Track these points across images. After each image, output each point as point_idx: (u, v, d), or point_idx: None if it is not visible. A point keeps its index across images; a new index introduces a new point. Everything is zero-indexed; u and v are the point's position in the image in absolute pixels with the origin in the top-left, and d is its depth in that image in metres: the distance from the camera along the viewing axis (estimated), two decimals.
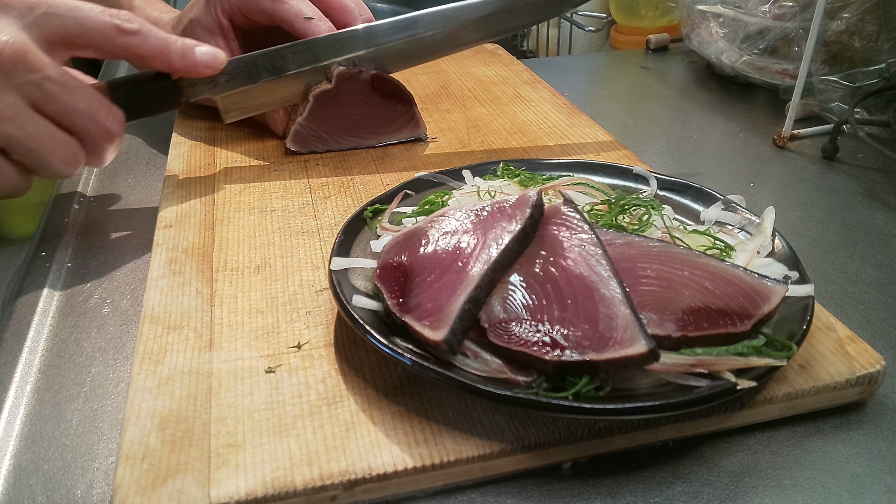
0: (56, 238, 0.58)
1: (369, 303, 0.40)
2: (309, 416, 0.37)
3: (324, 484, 0.33)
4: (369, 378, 0.39)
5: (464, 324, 0.36)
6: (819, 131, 0.76)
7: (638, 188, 0.53)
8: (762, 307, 0.37)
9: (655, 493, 0.35)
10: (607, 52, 1.21)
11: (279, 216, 0.55)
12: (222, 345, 0.42)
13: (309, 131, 0.64)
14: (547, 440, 0.35)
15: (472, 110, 0.75)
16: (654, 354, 0.33)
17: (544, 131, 0.70)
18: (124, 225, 0.60)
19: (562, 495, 0.35)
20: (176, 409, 0.37)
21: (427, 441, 0.35)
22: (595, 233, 0.39)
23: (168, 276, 0.47)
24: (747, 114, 0.83)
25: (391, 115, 0.66)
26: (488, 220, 0.41)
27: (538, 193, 0.42)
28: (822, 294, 0.50)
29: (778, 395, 0.38)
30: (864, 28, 0.76)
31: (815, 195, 0.65)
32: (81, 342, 0.47)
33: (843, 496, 0.35)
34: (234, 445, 0.35)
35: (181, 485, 0.33)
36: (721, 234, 0.47)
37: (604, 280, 0.36)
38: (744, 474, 0.36)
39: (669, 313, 0.36)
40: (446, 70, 0.87)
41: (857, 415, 0.40)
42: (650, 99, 0.88)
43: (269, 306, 0.45)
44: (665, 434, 0.37)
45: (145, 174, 0.69)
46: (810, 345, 0.41)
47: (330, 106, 0.63)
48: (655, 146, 0.75)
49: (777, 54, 0.83)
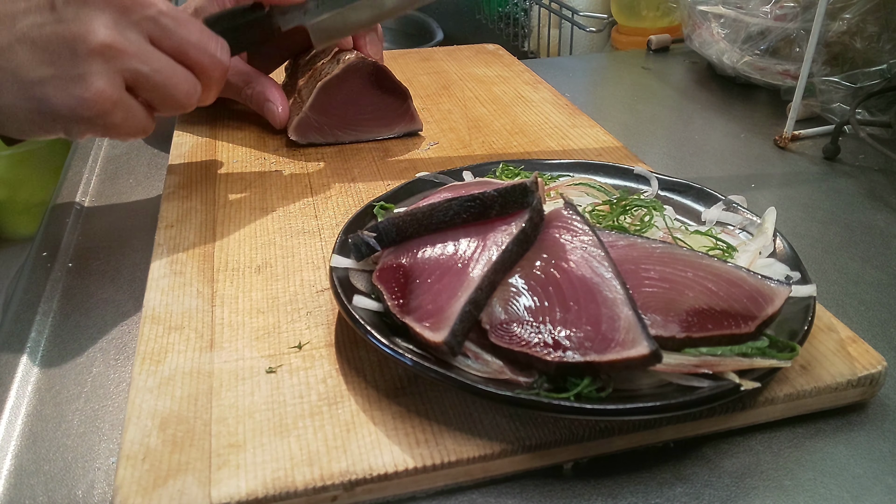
0: (57, 238, 0.58)
1: (370, 303, 0.40)
2: (310, 416, 0.37)
3: (325, 484, 0.33)
4: (370, 378, 0.39)
5: (464, 325, 0.36)
6: (820, 132, 0.76)
7: (639, 188, 0.53)
8: (766, 309, 0.37)
9: (656, 494, 0.35)
10: (608, 53, 1.21)
11: (280, 216, 0.55)
12: (223, 345, 0.42)
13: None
14: (548, 441, 0.35)
15: (472, 111, 0.75)
16: (657, 356, 0.33)
17: (545, 132, 0.70)
18: (125, 225, 0.60)
19: (563, 496, 0.35)
20: (177, 409, 0.37)
21: (428, 441, 0.35)
22: (597, 235, 0.39)
23: (169, 276, 0.47)
24: (748, 114, 0.83)
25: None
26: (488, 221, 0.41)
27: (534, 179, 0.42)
28: (824, 295, 0.50)
29: (779, 395, 0.38)
30: (865, 29, 0.76)
31: (816, 196, 0.65)
32: (82, 342, 0.47)
33: (845, 497, 0.35)
34: (234, 446, 0.35)
35: (182, 485, 0.33)
36: (722, 235, 0.47)
37: (606, 281, 0.36)
38: (745, 475, 0.36)
39: (673, 314, 0.36)
40: (447, 70, 0.87)
41: (858, 416, 0.40)
42: (651, 99, 0.88)
43: (270, 306, 0.45)
44: (666, 435, 0.37)
45: (146, 174, 0.69)
46: (812, 346, 0.41)
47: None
48: (657, 147, 0.75)
49: (778, 55, 0.83)
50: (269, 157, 0.65)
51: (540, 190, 0.43)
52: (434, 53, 0.94)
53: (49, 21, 0.45)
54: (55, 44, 0.45)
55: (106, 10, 0.46)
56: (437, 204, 0.41)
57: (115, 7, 0.46)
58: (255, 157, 0.65)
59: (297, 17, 0.60)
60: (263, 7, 0.58)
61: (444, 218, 0.41)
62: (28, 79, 0.46)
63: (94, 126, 0.48)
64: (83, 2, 0.45)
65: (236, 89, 0.68)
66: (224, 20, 0.57)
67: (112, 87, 0.46)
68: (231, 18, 0.57)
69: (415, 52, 0.94)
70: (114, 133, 0.50)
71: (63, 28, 0.45)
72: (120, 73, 0.47)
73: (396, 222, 0.42)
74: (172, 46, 0.49)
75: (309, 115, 0.65)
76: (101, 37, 0.45)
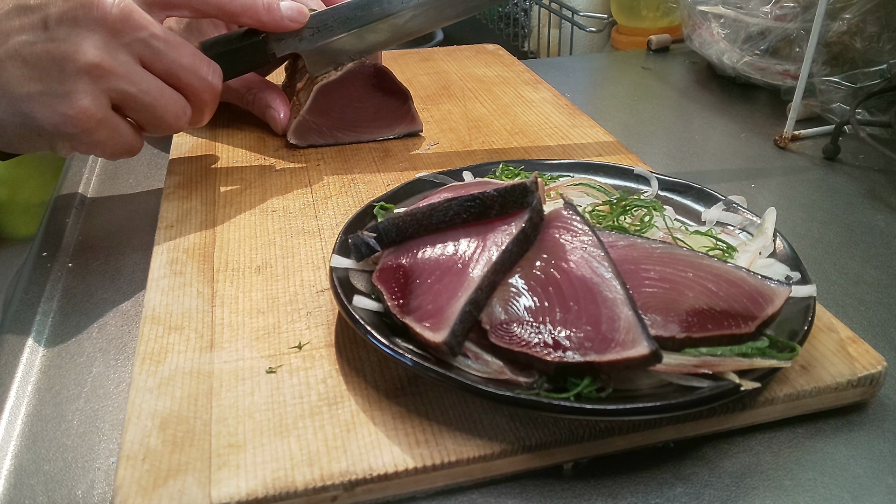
0: (57, 238, 0.58)
1: (370, 303, 0.40)
2: (310, 416, 0.37)
3: (325, 484, 0.33)
4: (370, 378, 0.39)
5: (464, 325, 0.36)
6: (820, 132, 0.76)
7: (639, 189, 0.53)
8: (766, 309, 0.37)
9: (657, 494, 0.35)
10: (608, 53, 1.21)
11: (280, 216, 0.55)
12: (223, 345, 0.42)
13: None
14: (548, 441, 0.35)
15: (473, 111, 0.75)
16: (657, 356, 0.33)
17: (545, 132, 0.70)
18: (125, 225, 0.60)
19: (563, 496, 0.35)
20: (177, 409, 0.37)
21: (428, 441, 0.35)
22: (596, 235, 0.39)
23: (169, 276, 0.47)
24: (748, 114, 0.83)
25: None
26: (488, 222, 0.41)
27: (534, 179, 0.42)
28: (824, 295, 0.50)
29: (779, 395, 0.38)
30: (865, 29, 0.76)
31: (816, 196, 0.65)
32: (82, 342, 0.47)
33: (845, 497, 0.35)
34: (234, 446, 0.35)
35: (182, 485, 0.33)
36: (722, 235, 0.47)
37: (606, 282, 0.36)
38: (745, 475, 0.36)
39: (673, 315, 0.36)
40: (447, 70, 0.87)
41: (858, 416, 0.40)
42: (651, 99, 0.88)
43: (270, 307, 0.45)
44: (666, 435, 0.37)
45: (146, 174, 0.69)
46: (812, 346, 0.41)
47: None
48: (657, 147, 0.75)
49: (778, 55, 0.83)
50: (269, 157, 0.65)
51: (540, 190, 0.43)
52: (434, 54, 0.94)
53: (41, 39, 0.46)
54: (45, 61, 0.46)
55: (97, 31, 0.47)
56: (437, 204, 0.41)
57: (106, 29, 0.47)
58: (255, 157, 0.65)
59: (292, 43, 0.60)
60: (259, 33, 0.58)
61: (444, 218, 0.41)
62: (16, 94, 0.47)
63: (77, 143, 0.49)
64: (75, 22, 0.46)
65: (238, 94, 0.69)
66: (219, 45, 0.58)
67: (96, 106, 0.47)
68: (226, 43, 0.58)
69: (415, 53, 0.94)
70: (99, 150, 0.51)
71: (53, 47, 0.46)
72: (106, 93, 0.48)
73: (396, 222, 0.42)
74: (163, 69, 0.50)
75: (307, 119, 0.64)
76: (89, 56, 0.46)
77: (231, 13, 0.55)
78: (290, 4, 0.58)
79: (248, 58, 0.59)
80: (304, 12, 0.58)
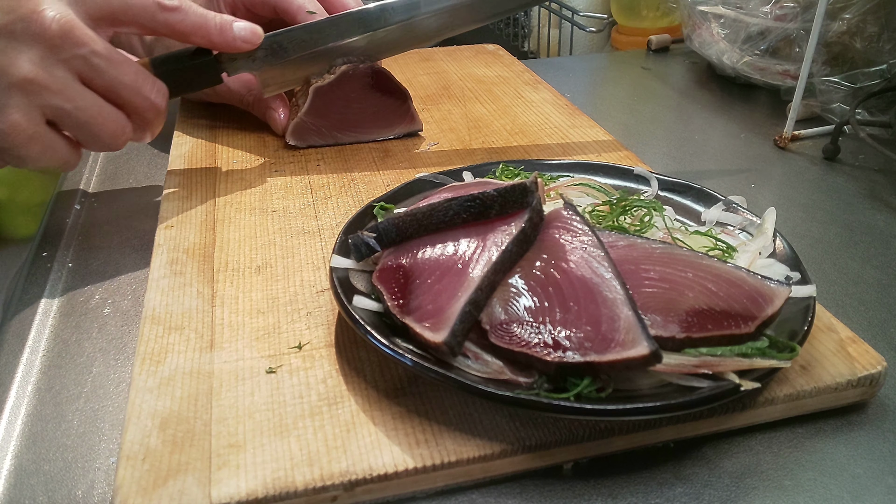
0: (57, 238, 0.58)
1: (370, 303, 0.40)
2: (310, 416, 0.37)
3: (324, 484, 0.33)
4: (370, 379, 0.39)
5: (464, 326, 0.36)
6: (820, 132, 0.76)
7: (639, 189, 0.53)
8: (766, 309, 0.37)
9: (656, 494, 0.35)
10: (608, 53, 1.21)
11: (280, 216, 0.55)
12: (223, 345, 0.42)
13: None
14: (548, 441, 0.35)
15: (473, 111, 0.75)
16: (657, 356, 0.33)
17: (545, 132, 0.70)
18: (125, 225, 0.60)
19: (563, 496, 0.35)
20: (177, 409, 0.37)
21: (428, 442, 0.35)
22: (596, 235, 0.39)
23: (169, 276, 0.47)
24: (748, 115, 0.83)
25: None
26: (488, 221, 0.41)
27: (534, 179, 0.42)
28: (824, 295, 0.50)
29: (779, 396, 0.38)
30: (865, 29, 0.76)
31: (816, 196, 0.65)
32: (82, 342, 0.47)
33: (845, 497, 0.35)
34: (234, 446, 0.35)
35: (182, 485, 0.33)
36: (722, 235, 0.47)
37: (606, 282, 0.36)
38: (745, 475, 0.36)
39: (673, 315, 0.36)
40: (447, 70, 0.87)
41: (858, 416, 0.40)
42: (651, 100, 0.88)
43: (270, 307, 0.45)
44: (666, 435, 0.37)
45: (146, 174, 0.69)
46: (812, 346, 0.41)
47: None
48: (656, 147, 0.75)
49: (778, 55, 0.83)
50: (269, 158, 0.65)
51: (540, 190, 0.43)
52: (434, 54, 0.94)
53: None
54: None
55: (34, 46, 0.46)
56: (437, 204, 0.41)
57: (44, 44, 0.46)
58: (255, 158, 0.65)
59: (244, 64, 0.59)
60: (210, 52, 0.57)
61: (444, 218, 0.41)
62: None
63: (8, 157, 0.48)
64: (12, 36, 0.46)
65: (238, 96, 0.68)
66: (169, 62, 0.56)
67: (28, 121, 0.47)
68: (176, 61, 0.57)
69: (414, 53, 0.94)
70: (32, 165, 0.50)
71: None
72: (39, 108, 0.47)
73: (396, 222, 0.42)
74: (103, 86, 0.49)
75: (305, 120, 0.64)
76: (23, 71, 0.46)
77: (181, 32, 0.53)
78: (244, 25, 0.56)
79: (198, 77, 0.58)
80: (257, 33, 0.57)
